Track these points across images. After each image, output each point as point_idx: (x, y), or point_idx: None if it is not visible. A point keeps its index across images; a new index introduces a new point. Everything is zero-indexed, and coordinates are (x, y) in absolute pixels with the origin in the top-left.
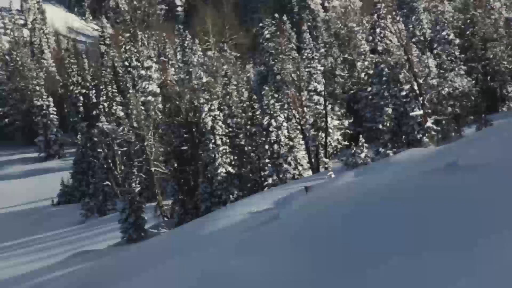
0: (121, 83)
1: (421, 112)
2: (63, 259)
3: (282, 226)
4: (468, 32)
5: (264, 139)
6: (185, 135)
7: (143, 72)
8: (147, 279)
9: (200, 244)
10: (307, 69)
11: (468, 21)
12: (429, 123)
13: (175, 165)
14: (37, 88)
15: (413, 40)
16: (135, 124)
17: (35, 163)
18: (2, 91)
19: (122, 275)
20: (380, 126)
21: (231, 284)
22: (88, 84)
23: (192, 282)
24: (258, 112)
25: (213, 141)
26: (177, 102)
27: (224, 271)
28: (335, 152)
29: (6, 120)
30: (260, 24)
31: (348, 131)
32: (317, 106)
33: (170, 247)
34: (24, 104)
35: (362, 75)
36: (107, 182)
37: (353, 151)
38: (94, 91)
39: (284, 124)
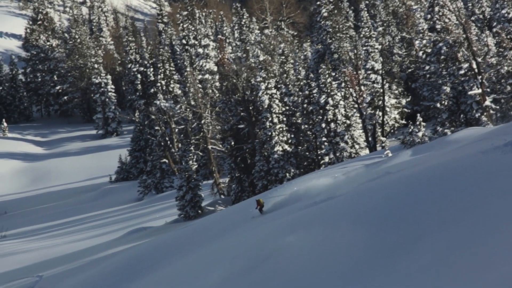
0: (178, 61)
1: (480, 91)
2: (121, 235)
3: (338, 204)
4: None
5: (321, 117)
6: (242, 113)
7: (200, 50)
8: (203, 256)
9: (256, 222)
10: (364, 48)
11: None
12: (487, 102)
13: (232, 143)
14: (96, 66)
15: (472, 18)
16: (192, 102)
17: (93, 140)
18: (61, 68)
19: (178, 251)
20: (438, 105)
21: (287, 260)
22: (146, 62)
23: (249, 259)
24: (315, 91)
25: (269, 119)
26: (234, 80)
27: (279, 247)
28: (392, 131)
29: (65, 97)
30: (318, 2)
31: (405, 109)
32: (374, 85)
33: (227, 225)
34: (83, 81)
35: (420, 53)
36: (164, 160)
37: (410, 130)
38: (151, 69)
39: (341, 102)
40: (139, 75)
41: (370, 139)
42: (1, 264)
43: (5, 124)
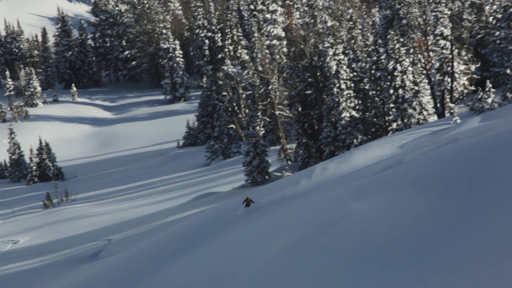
0: (246, 27)
1: None
2: (188, 200)
3: (406, 170)
4: None
5: (389, 83)
6: (309, 79)
7: (268, 15)
8: (270, 221)
9: (322, 187)
10: (433, 13)
11: None
12: None
13: (299, 109)
14: (164, 31)
15: None
16: (259, 68)
17: (161, 105)
18: (129, 34)
19: (244, 217)
20: (508, 71)
21: (354, 227)
22: (213, 28)
23: (316, 225)
24: (383, 57)
25: (337, 85)
26: (302, 46)
27: (346, 213)
28: (461, 97)
29: (133, 62)
30: None
31: (474, 76)
32: (443, 51)
33: (293, 190)
34: (151, 47)
35: (490, 19)
36: (231, 125)
37: (479, 96)
38: (219, 35)
39: (410, 68)
40: (206, 41)
41: (438, 105)
42: (71, 227)
43: (74, 89)
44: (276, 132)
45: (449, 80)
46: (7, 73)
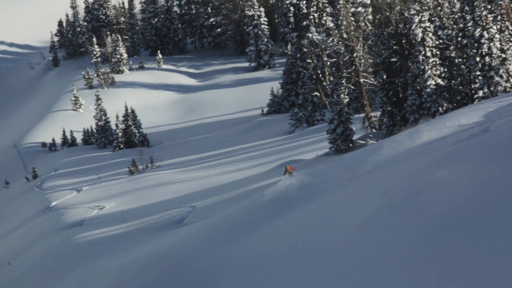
0: None
1: None
2: (272, 168)
3: (492, 139)
4: None
5: (475, 51)
6: (394, 47)
7: None
8: (354, 190)
9: (407, 156)
10: None
11: None
12: None
13: (384, 76)
14: None
15: None
16: (344, 35)
17: (246, 72)
18: (215, 1)
19: (328, 185)
20: None
21: (439, 195)
22: None
23: (400, 193)
24: (469, 24)
25: (423, 52)
26: (388, 13)
27: (431, 182)
28: None
29: (219, 30)
30: None
31: None
32: None
33: (377, 159)
34: (236, 14)
35: None
36: (316, 93)
37: None
38: (304, 2)
39: (497, 36)
40: (291, 8)
41: None
42: (156, 194)
43: (160, 55)
44: (361, 100)
45: None
46: (94, 39)
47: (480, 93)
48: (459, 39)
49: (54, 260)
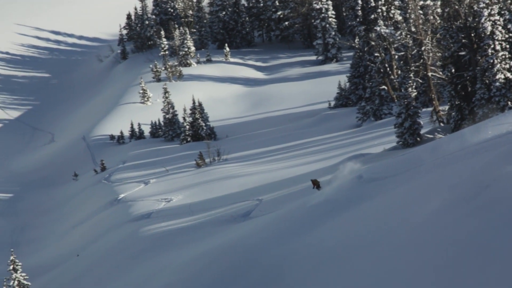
0: None
1: None
2: (338, 161)
3: None
4: None
5: None
6: (463, 40)
7: None
8: (421, 183)
9: (475, 150)
10: None
11: None
12: None
13: (452, 70)
14: None
15: None
16: (412, 29)
17: (313, 66)
18: None
19: (394, 179)
20: None
21: (505, 190)
22: None
23: (468, 188)
24: None
25: (492, 46)
26: (456, 7)
27: (499, 177)
28: None
29: (286, 23)
30: None
31: None
32: None
33: (445, 153)
34: (304, 7)
35: None
36: (383, 87)
37: None
38: None
39: None
40: (359, 1)
41: None
42: (222, 187)
43: (227, 49)
44: (429, 94)
45: None
46: (162, 33)
47: None
48: None
49: (122, 252)
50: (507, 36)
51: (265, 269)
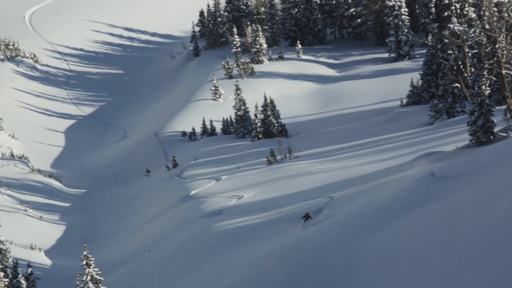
0: None
1: None
2: (410, 159)
3: None
4: None
5: None
6: None
7: None
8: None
9: None
10: None
11: None
12: None
13: None
14: None
15: None
16: (487, 26)
17: (385, 63)
18: None
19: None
20: None
21: None
22: None
23: None
24: None
25: None
26: None
27: None
28: None
29: (359, 20)
30: None
31: None
32: None
33: None
34: (376, 4)
35: None
36: (456, 84)
37: None
38: None
39: None
40: None
41: None
42: (294, 184)
43: (299, 46)
44: (502, 92)
45: None
46: (235, 30)
47: None
48: None
49: (194, 248)
50: None
51: (338, 266)
